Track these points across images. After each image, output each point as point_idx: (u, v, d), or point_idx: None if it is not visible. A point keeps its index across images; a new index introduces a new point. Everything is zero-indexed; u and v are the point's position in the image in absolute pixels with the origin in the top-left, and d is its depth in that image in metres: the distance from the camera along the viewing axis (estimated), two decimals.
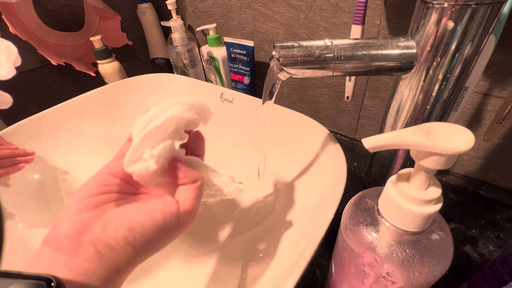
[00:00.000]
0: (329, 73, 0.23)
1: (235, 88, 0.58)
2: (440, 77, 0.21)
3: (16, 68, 0.26)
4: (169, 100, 0.21)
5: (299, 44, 0.23)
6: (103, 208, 0.18)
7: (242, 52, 0.51)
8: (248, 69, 0.53)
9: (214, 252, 0.35)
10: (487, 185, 0.40)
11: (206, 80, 0.63)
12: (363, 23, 0.30)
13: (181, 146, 0.21)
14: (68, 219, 0.17)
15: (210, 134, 0.47)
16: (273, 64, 0.24)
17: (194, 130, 0.24)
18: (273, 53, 0.23)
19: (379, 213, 0.18)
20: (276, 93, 0.28)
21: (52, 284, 0.13)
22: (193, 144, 0.24)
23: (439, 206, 0.16)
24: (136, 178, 0.19)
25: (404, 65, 0.22)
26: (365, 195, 0.21)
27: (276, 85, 0.27)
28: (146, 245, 0.17)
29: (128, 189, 0.20)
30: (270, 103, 0.28)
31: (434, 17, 0.19)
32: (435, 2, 0.19)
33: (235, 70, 0.55)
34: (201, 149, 0.24)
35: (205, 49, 0.56)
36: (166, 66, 0.70)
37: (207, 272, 0.33)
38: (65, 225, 0.16)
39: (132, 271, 0.17)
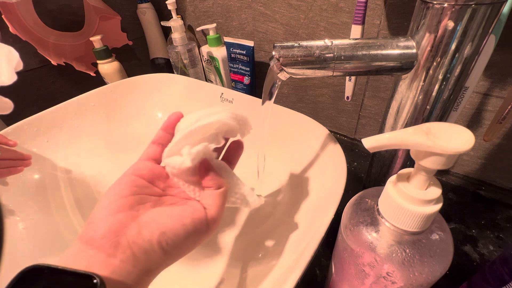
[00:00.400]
0: (329, 73, 0.23)
1: (235, 88, 0.58)
2: (440, 77, 0.21)
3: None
4: (216, 107, 0.22)
5: (299, 44, 0.23)
6: (137, 209, 0.19)
7: (242, 52, 0.51)
8: (248, 69, 0.53)
9: (214, 252, 0.35)
10: (487, 185, 0.40)
11: (206, 80, 0.63)
12: (363, 23, 0.30)
13: (215, 150, 0.22)
14: (105, 219, 0.17)
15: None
16: (273, 64, 0.24)
17: (236, 139, 0.25)
18: (273, 53, 0.23)
19: (379, 213, 0.18)
20: (276, 93, 0.28)
21: (96, 281, 0.13)
22: (232, 152, 0.25)
23: (439, 206, 0.16)
24: (169, 170, 0.20)
25: (404, 65, 0.22)
26: (365, 195, 0.21)
27: (276, 85, 0.27)
28: (176, 249, 0.18)
29: (155, 190, 0.21)
30: (270, 103, 0.28)
31: (434, 17, 0.19)
32: (435, 2, 0.19)
33: (235, 70, 0.55)
34: (236, 158, 0.26)
35: (205, 49, 0.56)
36: (166, 66, 0.70)
37: (207, 272, 0.33)
38: (103, 224, 0.17)
39: (159, 273, 0.18)
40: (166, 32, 0.68)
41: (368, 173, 0.35)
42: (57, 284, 0.13)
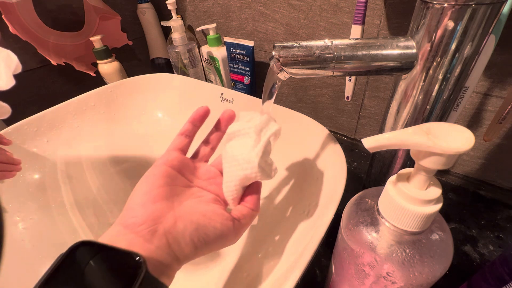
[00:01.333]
0: (329, 73, 0.23)
1: (235, 88, 0.58)
2: (440, 77, 0.21)
3: None
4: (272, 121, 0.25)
5: (299, 44, 0.23)
6: (172, 200, 0.20)
7: (242, 52, 0.51)
8: (248, 69, 0.53)
9: (214, 252, 0.35)
10: (487, 185, 0.40)
11: (206, 80, 0.63)
12: (363, 23, 0.30)
13: None
14: (144, 206, 0.19)
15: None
16: (273, 64, 0.24)
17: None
18: (273, 53, 0.23)
19: (379, 213, 0.18)
20: (276, 93, 0.27)
21: (139, 259, 0.15)
22: (225, 122, 0.27)
23: (439, 206, 0.16)
24: (253, 176, 0.22)
25: (404, 65, 0.22)
26: (365, 195, 0.21)
27: (276, 85, 0.27)
28: (204, 246, 0.19)
29: (184, 181, 0.23)
30: (270, 103, 0.28)
31: (434, 17, 0.19)
32: (435, 2, 0.19)
33: (235, 70, 0.55)
34: (227, 127, 0.28)
35: (205, 49, 0.56)
36: (166, 66, 0.70)
37: (207, 272, 0.33)
38: (142, 212, 0.18)
39: (185, 263, 0.20)
40: (166, 32, 0.68)
41: (368, 173, 0.35)
42: (103, 259, 0.14)
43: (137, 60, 0.71)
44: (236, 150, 0.23)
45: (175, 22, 0.51)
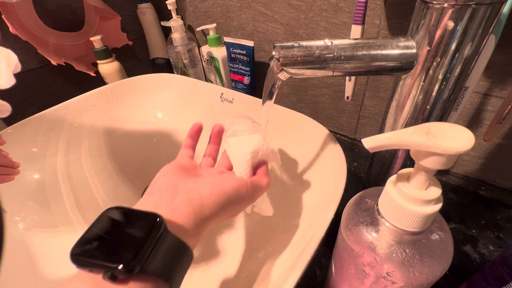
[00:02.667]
0: (329, 73, 0.23)
1: (235, 88, 0.58)
2: (440, 77, 0.21)
3: None
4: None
5: (299, 44, 0.23)
6: (192, 173, 0.24)
7: (242, 52, 0.51)
8: (248, 69, 0.53)
9: (214, 252, 0.35)
10: (487, 185, 0.40)
11: (206, 80, 0.63)
12: (363, 23, 0.30)
13: None
14: (164, 177, 0.23)
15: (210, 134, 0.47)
16: (273, 64, 0.24)
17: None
18: (273, 53, 0.23)
19: (379, 213, 0.18)
20: (276, 93, 0.28)
21: (158, 219, 0.17)
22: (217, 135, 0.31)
23: (439, 206, 0.16)
24: (263, 148, 0.26)
25: (404, 65, 0.22)
26: (365, 195, 0.21)
27: (276, 85, 0.27)
28: (225, 200, 0.21)
29: (197, 173, 0.26)
30: (270, 103, 0.28)
31: (434, 17, 0.19)
32: (435, 2, 0.19)
33: (235, 70, 0.55)
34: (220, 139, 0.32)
35: (205, 49, 0.56)
36: (166, 66, 0.70)
37: (207, 272, 0.33)
38: (163, 180, 0.22)
39: (213, 224, 0.22)
40: (166, 32, 0.68)
41: (368, 173, 0.35)
42: (129, 219, 0.17)
43: (137, 60, 0.71)
44: (240, 137, 0.27)
45: (175, 22, 0.51)
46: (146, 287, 0.15)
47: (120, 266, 0.14)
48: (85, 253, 0.15)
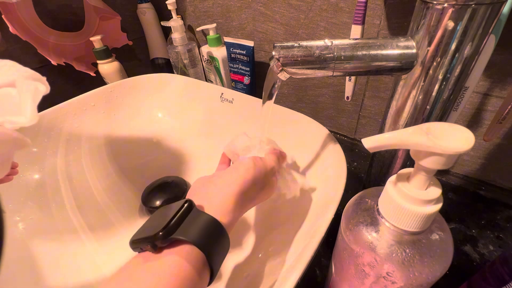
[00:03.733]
0: (329, 73, 0.23)
1: (235, 88, 0.58)
2: (440, 77, 0.21)
3: None
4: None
5: (299, 44, 0.23)
6: None
7: (242, 52, 0.51)
8: (248, 69, 0.53)
9: None
10: (487, 185, 0.40)
11: (206, 80, 0.63)
12: (363, 23, 0.30)
13: None
14: (198, 183, 0.26)
15: (210, 134, 0.47)
16: (273, 64, 0.24)
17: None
18: (273, 53, 0.23)
19: (379, 213, 0.18)
20: (276, 93, 0.28)
21: (187, 202, 0.20)
22: None
23: (439, 206, 0.16)
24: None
25: (404, 65, 0.22)
26: (365, 195, 0.21)
27: (276, 85, 0.27)
28: (249, 179, 0.24)
29: None
30: (270, 103, 0.28)
31: (434, 17, 0.19)
32: (435, 2, 0.19)
33: (235, 70, 0.55)
34: None
35: (205, 49, 0.56)
36: (166, 66, 0.70)
37: None
38: (197, 184, 0.26)
39: (250, 202, 0.25)
40: (166, 32, 0.68)
41: (368, 173, 0.35)
42: (168, 208, 0.21)
43: (137, 60, 0.71)
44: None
45: (175, 22, 0.51)
46: (182, 253, 0.18)
47: (154, 234, 0.18)
48: (134, 237, 0.19)
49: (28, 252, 0.34)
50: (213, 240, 0.20)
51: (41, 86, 0.22)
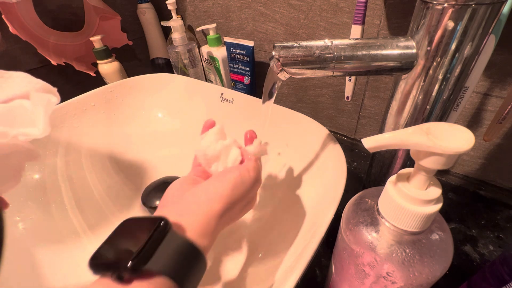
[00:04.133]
0: (329, 73, 0.23)
1: (235, 88, 0.58)
2: (440, 77, 0.21)
3: (17, 69, 0.26)
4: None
5: (299, 44, 0.23)
6: (200, 182, 0.24)
7: (242, 52, 0.51)
8: (248, 69, 0.53)
9: (213, 253, 0.35)
10: (487, 185, 0.40)
11: (206, 80, 0.63)
12: (363, 23, 0.30)
13: None
14: (171, 190, 0.24)
15: None
16: (273, 64, 0.24)
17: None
18: (273, 53, 0.23)
19: (379, 213, 0.18)
20: (276, 93, 0.28)
21: (162, 222, 0.17)
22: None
23: (439, 206, 0.16)
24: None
25: (404, 65, 0.22)
26: (365, 195, 0.21)
27: (276, 85, 0.27)
28: (234, 193, 0.22)
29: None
30: (270, 103, 0.28)
31: (434, 17, 0.19)
32: (435, 2, 0.19)
33: (235, 70, 0.55)
34: None
35: (205, 49, 0.56)
36: (166, 66, 0.70)
37: (207, 272, 0.33)
38: (170, 192, 0.24)
39: (229, 219, 0.22)
40: (166, 32, 0.68)
41: (368, 173, 0.35)
42: (138, 225, 0.18)
43: (137, 60, 0.71)
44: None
45: (175, 22, 0.51)
46: (152, 286, 0.16)
47: (123, 266, 0.15)
48: (96, 259, 0.17)
49: (28, 252, 0.34)
50: (189, 269, 0.18)
51: (53, 98, 0.23)
